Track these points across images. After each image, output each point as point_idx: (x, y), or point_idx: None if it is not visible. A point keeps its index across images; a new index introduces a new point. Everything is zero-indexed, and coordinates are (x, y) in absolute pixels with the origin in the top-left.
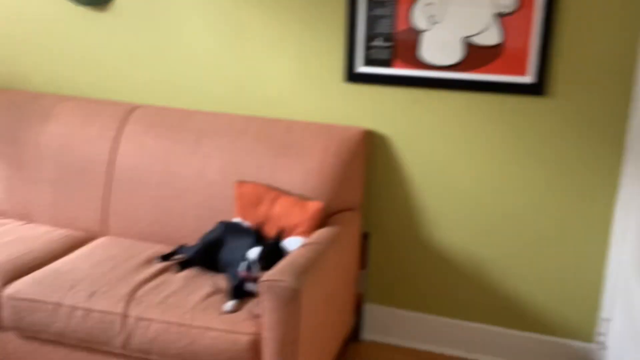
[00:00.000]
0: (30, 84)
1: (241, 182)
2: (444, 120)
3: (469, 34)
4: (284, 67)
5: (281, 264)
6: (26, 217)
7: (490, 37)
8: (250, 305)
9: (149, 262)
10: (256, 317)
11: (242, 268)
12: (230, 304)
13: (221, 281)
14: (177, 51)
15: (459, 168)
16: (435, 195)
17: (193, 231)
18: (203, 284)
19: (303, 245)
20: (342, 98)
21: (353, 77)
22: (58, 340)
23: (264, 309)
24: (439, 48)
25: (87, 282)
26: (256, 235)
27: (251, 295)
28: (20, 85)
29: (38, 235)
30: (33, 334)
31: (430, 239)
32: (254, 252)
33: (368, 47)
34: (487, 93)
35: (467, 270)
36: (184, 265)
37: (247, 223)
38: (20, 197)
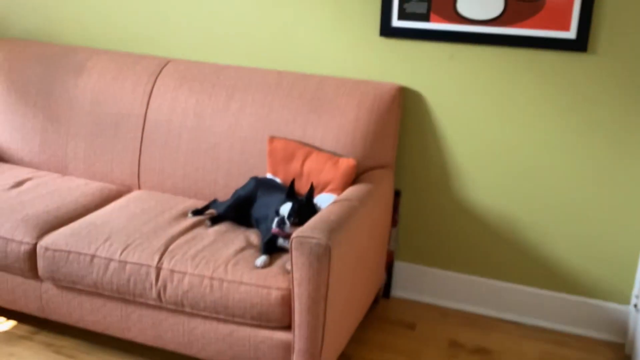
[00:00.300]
0: (64, 37)
1: (273, 138)
2: (480, 77)
3: None
4: (319, 21)
5: (312, 221)
6: (62, 170)
7: None
8: (282, 261)
9: (181, 216)
10: (287, 272)
11: (274, 225)
12: (261, 259)
13: (253, 236)
14: (211, 5)
15: (495, 126)
16: (470, 154)
17: (225, 186)
18: (235, 239)
19: (335, 202)
20: (377, 53)
21: (389, 31)
22: (93, 290)
23: (294, 265)
24: (478, 1)
25: (122, 234)
26: (288, 192)
27: (283, 250)
28: (55, 39)
29: (73, 187)
30: (69, 285)
31: (463, 198)
32: (285, 209)
33: (404, 1)
34: (526, 49)
35: (501, 230)
36: (216, 220)
37: (278, 179)
38: (56, 150)
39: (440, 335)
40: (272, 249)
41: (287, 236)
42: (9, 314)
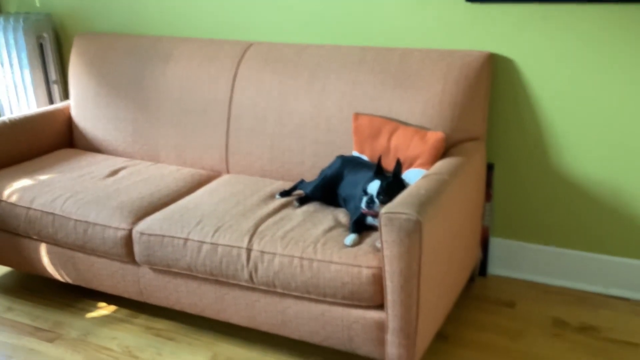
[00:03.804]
0: (150, 29)
1: (358, 115)
2: (577, 38)
3: None
4: None
5: (401, 196)
6: (154, 157)
7: None
8: (372, 239)
9: (269, 197)
10: (377, 250)
11: (363, 204)
12: (351, 238)
13: (341, 215)
14: None
15: (594, 90)
16: (567, 122)
17: (312, 166)
18: (323, 219)
19: (424, 177)
20: (463, 20)
21: None
22: (188, 273)
23: (384, 242)
24: None
25: (213, 217)
26: (375, 169)
27: (372, 228)
28: (141, 31)
29: (165, 174)
30: (164, 268)
31: (562, 169)
32: (373, 187)
33: None
34: (630, 4)
35: (604, 200)
36: (303, 200)
37: (365, 156)
38: (148, 138)
39: (542, 313)
40: (361, 227)
41: (376, 215)
42: (109, 298)
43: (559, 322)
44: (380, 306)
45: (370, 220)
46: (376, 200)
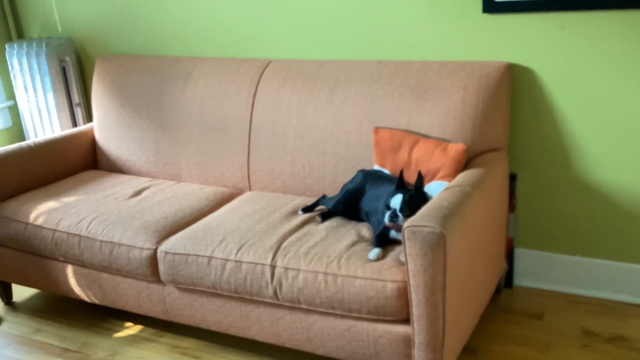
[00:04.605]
0: (169, 50)
1: (378, 129)
2: (596, 45)
3: None
4: (417, 4)
5: (424, 209)
6: (176, 177)
7: None
8: (395, 253)
9: (292, 214)
10: (402, 264)
11: (386, 219)
12: (374, 252)
13: (364, 230)
14: (305, 3)
15: (617, 97)
16: (590, 130)
17: (333, 181)
18: (346, 234)
19: (446, 189)
20: (480, 31)
21: (492, 6)
22: (213, 291)
23: (408, 256)
24: None
25: (236, 235)
26: (397, 182)
27: (395, 242)
28: (161, 52)
29: (188, 193)
30: (189, 287)
31: (587, 177)
32: (396, 201)
33: None
34: None
35: (629, 208)
36: (326, 215)
37: (386, 170)
38: (170, 158)
39: (571, 324)
40: (384, 241)
41: (400, 229)
42: (136, 318)
43: (589, 333)
44: (406, 320)
45: (393, 234)
46: (399, 214)
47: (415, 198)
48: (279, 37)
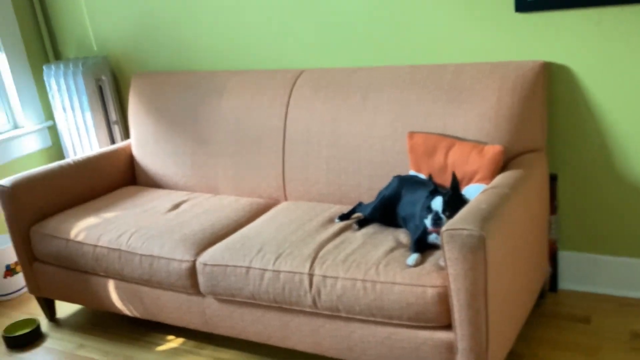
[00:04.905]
0: (203, 65)
1: (413, 133)
2: (636, 41)
3: None
4: (448, 6)
5: (463, 212)
6: (212, 189)
7: None
8: (434, 258)
9: (328, 222)
10: (441, 268)
11: (429, 222)
12: (413, 258)
13: (402, 236)
14: (335, 11)
15: None
16: (633, 127)
17: (369, 188)
18: (383, 240)
19: (484, 191)
20: (513, 31)
21: (525, 5)
22: (252, 302)
23: (448, 260)
24: None
25: (273, 245)
26: (433, 187)
27: (434, 247)
28: (194, 66)
29: (225, 205)
30: (228, 298)
31: (628, 175)
32: (437, 204)
33: None
34: None
35: None
36: (363, 222)
37: (422, 175)
38: (206, 171)
39: (619, 327)
40: (423, 246)
41: (439, 232)
42: (176, 330)
43: (637, 336)
44: (449, 326)
45: (431, 238)
46: (442, 216)
47: (455, 199)
48: (310, 47)
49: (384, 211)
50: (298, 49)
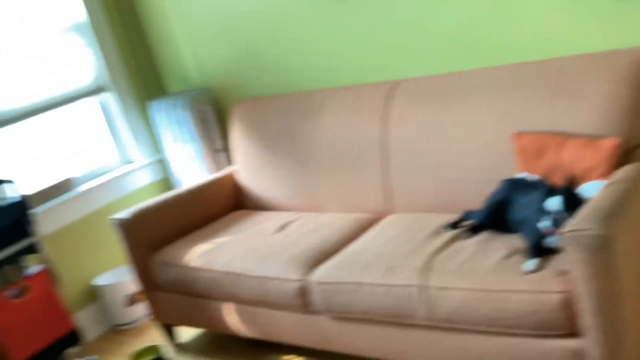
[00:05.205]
0: (298, 86)
1: (520, 134)
2: None
3: None
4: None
5: (583, 211)
6: (316, 208)
7: None
8: (554, 262)
9: (437, 232)
10: (563, 273)
11: (548, 224)
12: (531, 263)
13: (515, 241)
14: (427, 18)
15: None
16: None
17: (477, 195)
18: (496, 247)
19: (604, 188)
20: (618, 17)
21: None
22: (366, 317)
23: (571, 263)
24: None
25: (382, 259)
26: (546, 187)
27: (552, 251)
28: (292, 88)
29: (330, 222)
30: (342, 315)
31: None
32: (555, 204)
33: None
34: None
35: None
36: (473, 230)
37: (533, 176)
38: (309, 190)
39: None
40: (540, 250)
41: (555, 234)
42: (296, 350)
43: None
44: (575, 334)
45: (549, 241)
46: (561, 217)
47: (572, 199)
48: (404, 57)
49: (495, 217)
50: (393, 60)
